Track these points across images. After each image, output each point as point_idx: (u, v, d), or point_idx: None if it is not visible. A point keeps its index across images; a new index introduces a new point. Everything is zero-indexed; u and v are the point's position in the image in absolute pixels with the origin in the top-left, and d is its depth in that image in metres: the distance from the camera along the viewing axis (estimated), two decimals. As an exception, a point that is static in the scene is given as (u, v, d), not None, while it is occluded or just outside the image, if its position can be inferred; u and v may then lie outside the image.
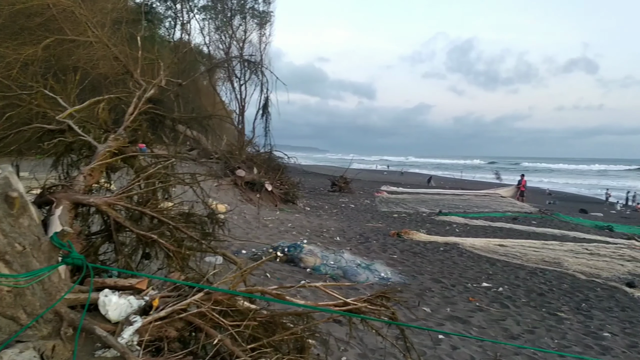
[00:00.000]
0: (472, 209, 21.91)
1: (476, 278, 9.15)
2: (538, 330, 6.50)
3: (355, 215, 17.15)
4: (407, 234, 13.07)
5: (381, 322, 3.33)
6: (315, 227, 13.14)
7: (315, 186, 27.87)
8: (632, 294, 8.93)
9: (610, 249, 13.83)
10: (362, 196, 24.70)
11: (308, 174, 37.11)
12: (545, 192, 45.10)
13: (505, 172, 70.71)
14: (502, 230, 16.26)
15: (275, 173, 17.43)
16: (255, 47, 26.24)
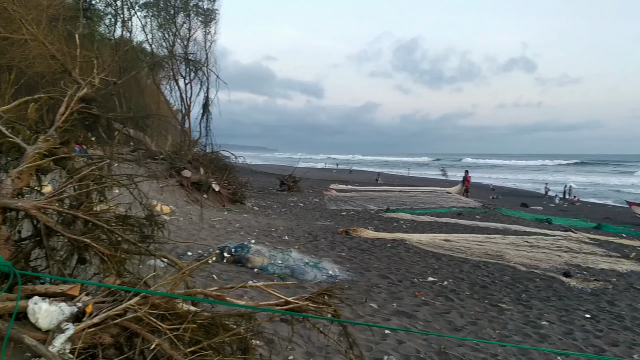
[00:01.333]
0: (419, 205, 22.34)
1: (422, 273, 9.32)
2: (481, 322, 6.67)
3: (304, 214, 17.16)
4: (355, 231, 13.16)
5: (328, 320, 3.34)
6: (264, 226, 13.06)
7: (264, 186, 27.73)
8: (568, 283, 9.32)
9: (549, 241, 14.41)
10: (311, 195, 24.76)
11: (256, 173, 36.83)
12: (488, 188, 46.54)
13: (450, 169, 72.48)
14: (447, 225, 16.64)
15: (222, 173, 17.20)
16: (200, 46, 25.80)
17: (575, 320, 7.09)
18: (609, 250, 13.74)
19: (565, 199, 39.50)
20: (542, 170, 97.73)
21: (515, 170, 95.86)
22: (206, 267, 7.77)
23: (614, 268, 11.21)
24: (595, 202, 40.98)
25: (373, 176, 51.97)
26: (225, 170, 17.48)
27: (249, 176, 23.47)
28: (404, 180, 48.79)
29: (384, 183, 40.92)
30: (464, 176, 32.07)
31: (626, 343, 6.29)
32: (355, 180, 43.54)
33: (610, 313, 7.56)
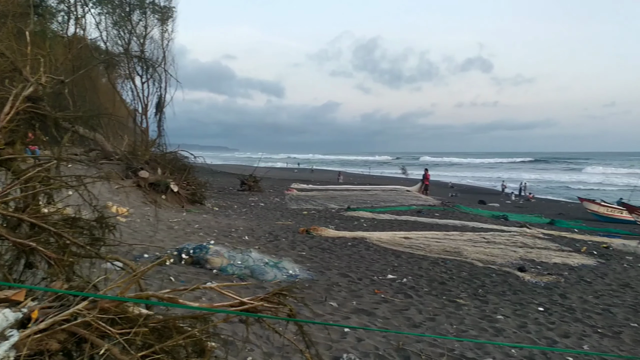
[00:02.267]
0: (380, 203, 22.53)
1: (382, 271, 9.40)
2: (439, 317, 6.77)
3: (265, 214, 17.06)
4: (316, 230, 13.17)
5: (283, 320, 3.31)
6: (224, 227, 12.92)
7: (224, 186, 27.45)
8: (523, 277, 9.56)
9: (505, 237, 14.75)
10: (272, 194, 24.66)
11: (217, 173, 36.46)
12: (448, 185, 47.38)
13: (411, 167, 73.45)
14: (407, 223, 16.84)
15: (181, 173, 16.93)
16: (157, 44, 25.31)
17: (529, 313, 7.28)
18: (561, 245, 14.18)
19: (521, 196, 40.61)
20: (499, 167, 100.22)
21: (474, 168, 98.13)
22: (164, 270, 7.65)
23: (566, 262, 11.57)
24: (549, 198, 42.26)
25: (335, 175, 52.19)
26: (184, 171, 17.21)
27: (209, 176, 23.22)
28: (365, 179, 49.16)
29: (345, 182, 41.12)
30: (423, 174, 32.53)
31: (577, 334, 6.50)
32: (316, 179, 43.60)
33: (562, 306, 7.80)
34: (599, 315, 7.45)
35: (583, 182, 61.50)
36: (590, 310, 7.67)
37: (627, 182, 59.38)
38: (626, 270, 11.18)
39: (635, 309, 7.89)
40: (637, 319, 7.40)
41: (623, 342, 6.38)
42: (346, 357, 5.11)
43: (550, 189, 51.07)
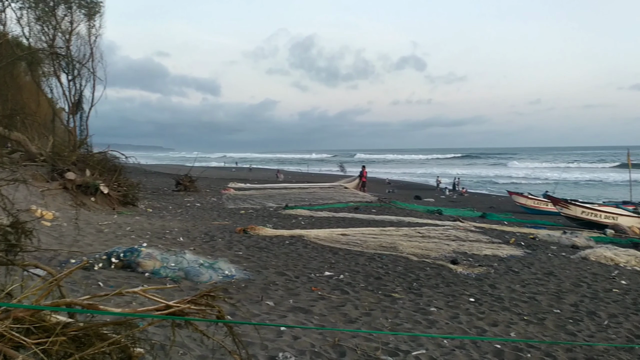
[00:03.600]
0: (318, 201, 22.63)
1: (319, 268, 9.42)
2: (374, 312, 6.86)
3: (201, 214, 16.74)
4: (253, 229, 13.05)
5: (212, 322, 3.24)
6: (157, 228, 12.56)
7: (158, 186, 26.72)
8: (456, 270, 9.85)
9: (439, 231, 15.17)
10: (209, 194, 24.23)
11: (151, 173, 35.49)
12: (385, 182, 48.28)
13: (349, 165, 74.30)
14: (344, 220, 16.99)
15: (111, 174, 16.30)
16: (84, 40, 24.25)
17: (461, 304, 7.50)
18: (492, 237, 14.73)
19: (455, 191, 41.97)
20: (434, 163, 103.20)
21: (410, 165, 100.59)
22: (92, 275, 7.35)
23: (496, 253, 12.02)
24: (481, 192, 43.89)
25: (273, 174, 52.00)
26: (114, 172, 16.58)
27: (142, 177, 22.55)
28: (304, 177, 49.28)
29: (285, 180, 41.05)
30: (360, 171, 32.96)
31: (505, 322, 6.76)
32: (255, 178, 43.26)
33: (492, 295, 8.09)
34: (525, 303, 7.78)
35: (509, 176, 64.57)
36: (518, 298, 8.00)
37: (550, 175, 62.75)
38: (550, 260, 11.74)
39: (558, 296, 8.30)
40: (559, 305, 7.79)
41: (547, 327, 6.69)
42: (282, 356, 5.07)
43: (482, 184, 53.07)
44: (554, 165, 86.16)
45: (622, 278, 10.10)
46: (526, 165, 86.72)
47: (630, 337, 6.53)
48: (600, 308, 7.76)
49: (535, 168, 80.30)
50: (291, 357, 5.08)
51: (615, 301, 8.25)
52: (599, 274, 10.32)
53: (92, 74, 23.36)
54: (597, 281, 9.66)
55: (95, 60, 24.44)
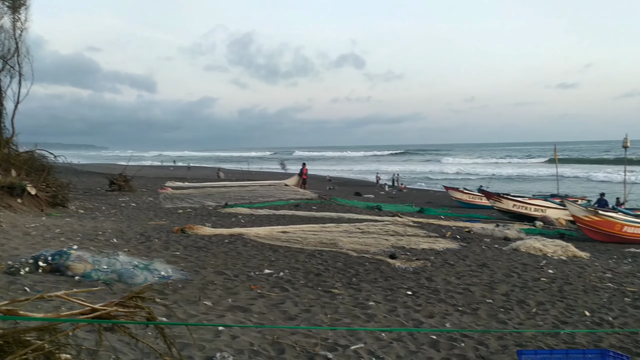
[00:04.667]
0: (258, 199, 22.45)
1: (259, 266, 9.33)
2: (314, 309, 6.86)
3: (137, 215, 16.23)
4: (191, 229, 12.77)
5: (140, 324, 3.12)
6: (89, 230, 12.07)
7: (90, 186, 25.70)
8: (394, 264, 10.01)
9: (378, 226, 15.39)
10: (145, 194, 23.55)
11: (82, 173, 34.08)
12: (325, 179, 48.59)
13: (290, 162, 74.30)
14: (285, 217, 16.95)
15: (39, 174, 15.52)
16: (9, 34, 22.90)
17: (399, 298, 7.63)
18: (429, 231, 15.11)
19: (394, 187, 42.81)
20: (373, 160, 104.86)
21: (350, 162, 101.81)
22: (17, 280, 6.96)
23: (433, 247, 12.33)
24: (419, 188, 44.98)
25: (213, 172, 51.28)
26: (42, 172, 15.79)
27: (73, 177, 21.61)
28: (244, 175, 48.83)
29: (225, 178, 40.53)
30: (301, 169, 33.00)
31: (440, 314, 6.93)
32: (194, 176, 42.48)
33: (428, 288, 8.28)
34: (460, 294, 8.01)
35: (441, 172, 66.79)
36: (453, 290, 8.22)
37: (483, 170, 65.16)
38: (484, 252, 12.17)
39: (491, 287, 8.60)
40: (492, 295, 8.07)
41: (480, 317, 6.92)
42: (219, 356, 4.98)
43: (419, 180, 54.40)
44: (486, 161, 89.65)
45: (550, 267, 10.59)
46: (459, 161, 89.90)
47: (556, 323, 6.85)
48: (529, 297, 8.10)
49: (468, 164, 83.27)
50: (229, 356, 4.99)
51: (543, 289, 8.64)
52: (529, 264, 10.78)
53: (18, 70, 22.06)
54: (527, 271, 10.08)
55: (21, 56, 23.14)
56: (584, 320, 7.06)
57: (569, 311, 7.45)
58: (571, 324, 6.87)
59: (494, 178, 49.78)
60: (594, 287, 9.07)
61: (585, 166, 70.48)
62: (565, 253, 12.45)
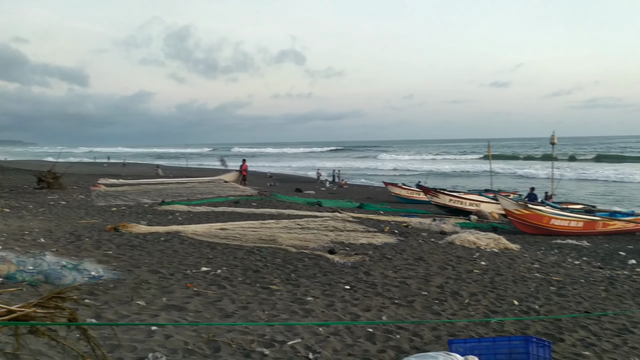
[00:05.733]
0: (196, 196, 22.03)
1: (196, 264, 9.14)
2: (251, 305, 6.78)
3: (67, 213, 15.54)
4: (125, 227, 12.36)
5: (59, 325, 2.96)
6: (14, 230, 11.44)
7: (17, 184, 24.40)
8: (333, 259, 10.06)
9: (318, 222, 15.43)
10: (76, 191, 22.59)
11: (8, 170, 32.36)
12: (266, 175, 48.40)
13: (231, 159, 73.54)
14: (224, 214, 16.71)
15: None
16: None
17: (337, 292, 7.67)
18: (368, 226, 15.29)
19: (335, 183, 43.18)
20: (315, 156, 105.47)
21: (291, 158, 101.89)
22: None
23: (372, 242, 12.47)
24: (359, 184, 45.58)
25: (150, 169, 49.96)
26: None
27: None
28: (184, 172, 47.88)
29: (164, 175, 39.57)
30: (241, 165, 32.70)
31: (377, 307, 7.02)
32: (130, 173, 41.19)
33: (366, 282, 8.37)
34: (397, 287, 8.15)
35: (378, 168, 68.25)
36: (390, 284, 8.35)
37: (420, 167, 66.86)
38: (421, 245, 12.44)
39: (426, 279, 8.80)
40: (427, 287, 8.26)
41: (415, 309, 7.06)
42: (152, 357, 4.83)
43: (358, 176, 55.13)
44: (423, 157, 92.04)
45: (482, 259, 10.96)
46: (394, 157, 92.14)
47: (487, 313, 7.10)
48: (462, 288, 8.35)
49: (406, 160, 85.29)
50: (162, 356, 4.86)
51: (475, 281, 8.93)
52: (463, 257, 11.11)
53: None
54: (461, 263, 10.39)
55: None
56: (512, 309, 7.35)
57: (499, 301, 7.73)
58: (501, 313, 7.14)
59: (431, 174, 51.16)
60: (522, 278, 9.46)
61: (516, 162, 73.70)
62: (497, 245, 12.93)
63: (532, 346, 3.80)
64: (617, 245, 14.97)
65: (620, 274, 10.48)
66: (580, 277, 9.92)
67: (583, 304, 7.89)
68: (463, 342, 4.22)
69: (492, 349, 3.94)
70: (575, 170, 49.76)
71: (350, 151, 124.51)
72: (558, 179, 26.49)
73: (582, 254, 13.26)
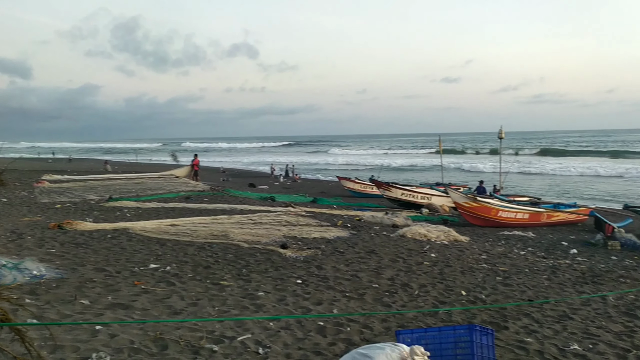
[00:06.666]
0: (146, 191, 21.51)
1: (144, 261, 8.93)
2: (201, 302, 6.68)
3: (8, 211, 14.89)
4: (70, 224, 11.94)
5: None
6: (-50, 229, 10.89)
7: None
8: (285, 254, 10.02)
9: (271, 217, 15.36)
10: (18, 188, 21.67)
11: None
12: (219, 170, 47.83)
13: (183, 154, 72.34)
14: (174, 210, 16.39)
15: None
16: None
17: (288, 287, 7.64)
18: (321, 220, 15.32)
19: (288, 177, 43.09)
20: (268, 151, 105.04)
21: (245, 153, 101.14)
22: None
23: (324, 236, 12.51)
24: (313, 178, 45.66)
25: (97, 164, 48.56)
26: None
27: None
28: (133, 167, 46.72)
29: (113, 171, 38.49)
30: (192, 160, 32.18)
31: (328, 300, 7.04)
32: (76, 169, 39.86)
33: (318, 276, 8.38)
34: (348, 280, 8.19)
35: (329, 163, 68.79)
36: (341, 277, 8.39)
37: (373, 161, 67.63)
38: (373, 239, 12.55)
39: (378, 272, 8.88)
40: (378, 280, 8.34)
41: (366, 302, 7.12)
42: (95, 357, 4.68)
43: (312, 171, 55.26)
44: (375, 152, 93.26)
45: (432, 251, 11.16)
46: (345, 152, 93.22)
47: (435, 303, 7.23)
48: (412, 280, 8.48)
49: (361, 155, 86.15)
50: (106, 356, 4.71)
51: (425, 272, 9.08)
52: (414, 249, 11.29)
53: None
54: (412, 256, 10.55)
55: None
56: (460, 300, 7.52)
57: (447, 292, 7.89)
58: (449, 303, 7.29)
59: (384, 168, 51.79)
60: (470, 268, 9.69)
61: (466, 156, 75.54)
62: (447, 238, 13.20)
63: (476, 334, 3.89)
64: (560, 236, 15.56)
65: (562, 263, 10.89)
66: (525, 266, 10.25)
67: (527, 292, 8.15)
68: (410, 333, 4.28)
69: (438, 339, 4.02)
70: (521, 164, 51.41)
71: (304, 146, 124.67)
72: (506, 173, 27.29)
73: (528, 244, 13.72)
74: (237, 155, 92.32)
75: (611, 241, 13.48)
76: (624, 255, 12.18)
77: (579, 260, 11.44)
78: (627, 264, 11.20)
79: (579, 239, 14.85)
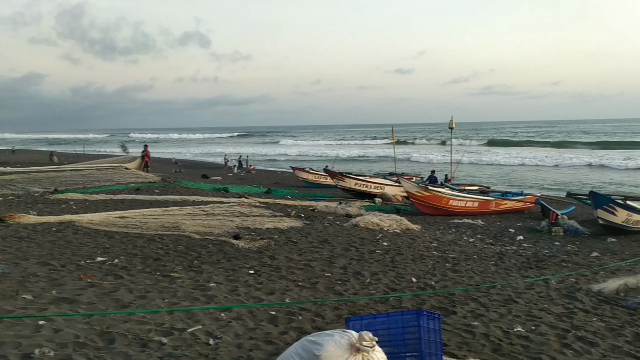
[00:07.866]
0: (94, 183, 20.87)
1: (91, 254, 8.67)
2: (150, 294, 6.54)
3: (-55, 204, 14.18)
4: (12, 218, 11.46)
5: None
6: None
7: None
8: (237, 245, 9.95)
9: (224, 208, 15.20)
10: (-44, 181, 20.68)
11: None
12: (171, 161, 46.99)
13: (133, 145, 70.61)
14: (124, 202, 15.99)
15: None
16: None
17: (241, 277, 7.59)
18: (275, 211, 15.28)
19: (242, 168, 42.76)
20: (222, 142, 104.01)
21: (198, 143, 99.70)
22: None
23: (278, 226, 12.48)
24: (268, 169, 45.48)
25: (44, 156, 46.85)
26: None
27: None
28: (80, 159, 45.26)
29: (59, 162, 37.19)
30: (143, 151, 31.45)
31: (281, 290, 7.04)
32: (19, 161, 38.35)
33: (270, 266, 8.36)
34: (301, 270, 8.21)
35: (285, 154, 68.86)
36: (294, 267, 8.40)
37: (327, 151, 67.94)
38: (326, 228, 12.63)
39: (330, 261, 8.94)
40: (331, 269, 8.40)
41: (318, 290, 7.16)
42: (39, 352, 4.52)
43: (268, 161, 55.07)
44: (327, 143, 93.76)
45: (385, 240, 11.32)
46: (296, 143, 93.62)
47: (386, 290, 7.34)
48: (364, 268, 8.58)
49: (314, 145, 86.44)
50: (50, 351, 4.56)
51: (377, 261, 9.21)
52: (366, 238, 11.42)
53: None
54: (364, 244, 10.67)
55: None
56: (411, 286, 7.66)
57: (398, 279, 8.03)
58: (400, 290, 7.42)
59: (338, 159, 52.07)
60: (421, 256, 9.89)
61: (419, 147, 76.84)
62: (399, 226, 13.41)
63: (423, 319, 3.96)
64: (507, 223, 16.07)
65: (509, 249, 11.26)
66: (474, 253, 10.54)
67: (475, 278, 8.39)
68: (360, 319, 4.32)
69: (386, 324, 4.07)
70: (471, 154, 52.71)
71: (257, 136, 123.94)
72: (456, 163, 27.94)
73: (477, 232, 14.10)
74: (190, 146, 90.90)
75: (555, 227, 14.02)
76: (567, 241, 12.69)
77: (524, 246, 11.84)
78: (569, 249, 11.68)
79: (525, 226, 15.37)
